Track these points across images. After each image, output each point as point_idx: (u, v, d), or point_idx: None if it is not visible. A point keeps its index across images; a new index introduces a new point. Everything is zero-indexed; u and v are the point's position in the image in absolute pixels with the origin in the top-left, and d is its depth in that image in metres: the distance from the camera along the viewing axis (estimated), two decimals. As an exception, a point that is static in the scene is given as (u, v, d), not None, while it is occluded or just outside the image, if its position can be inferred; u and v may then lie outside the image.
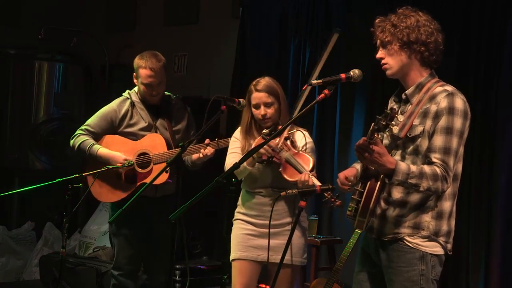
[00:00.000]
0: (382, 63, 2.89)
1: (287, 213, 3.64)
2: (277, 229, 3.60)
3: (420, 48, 2.81)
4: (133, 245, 4.17)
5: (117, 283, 4.20)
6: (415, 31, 2.80)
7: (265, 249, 3.58)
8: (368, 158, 2.65)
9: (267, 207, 3.60)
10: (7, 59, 6.69)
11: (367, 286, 2.97)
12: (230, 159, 3.71)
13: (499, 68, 4.61)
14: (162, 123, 4.14)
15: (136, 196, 3.28)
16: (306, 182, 3.37)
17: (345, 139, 5.39)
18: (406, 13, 2.84)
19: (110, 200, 4.14)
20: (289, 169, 3.51)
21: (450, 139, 2.74)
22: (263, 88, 3.67)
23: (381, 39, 2.86)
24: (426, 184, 2.69)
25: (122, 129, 4.12)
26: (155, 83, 4.06)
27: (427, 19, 2.85)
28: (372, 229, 2.87)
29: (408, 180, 2.69)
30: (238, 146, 3.72)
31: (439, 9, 4.91)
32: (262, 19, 6.08)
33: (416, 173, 2.69)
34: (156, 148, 4.03)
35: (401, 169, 2.68)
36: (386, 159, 2.66)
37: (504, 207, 4.53)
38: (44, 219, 6.57)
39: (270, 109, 3.65)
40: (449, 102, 2.76)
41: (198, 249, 5.87)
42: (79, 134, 4.14)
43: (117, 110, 4.14)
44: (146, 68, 4.03)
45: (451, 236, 2.87)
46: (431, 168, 2.71)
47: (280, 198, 3.50)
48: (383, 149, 2.66)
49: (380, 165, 2.67)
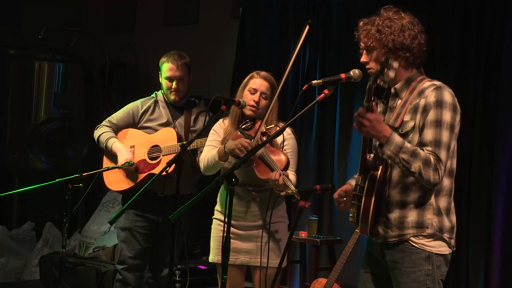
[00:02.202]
0: (367, 67, 2.89)
1: (261, 216, 3.55)
2: (252, 231, 3.55)
3: (405, 54, 2.81)
4: (139, 241, 4.20)
5: (121, 278, 4.21)
6: (400, 37, 2.79)
7: (242, 252, 3.55)
8: (367, 125, 2.65)
9: (241, 207, 3.55)
10: (7, 59, 6.68)
11: (371, 287, 2.97)
12: (205, 151, 3.65)
13: (499, 68, 4.61)
14: (181, 122, 4.21)
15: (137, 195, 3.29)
16: (277, 181, 3.30)
17: (345, 139, 5.39)
18: (390, 16, 2.82)
19: (120, 188, 4.22)
20: (261, 166, 3.41)
21: (440, 132, 2.72)
22: (266, 78, 3.62)
23: (366, 44, 2.86)
24: (417, 165, 2.66)
25: (142, 124, 4.25)
26: (176, 77, 4.14)
27: (411, 21, 2.83)
28: (377, 233, 2.86)
29: (400, 154, 2.66)
30: (216, 139, 3.66)
31: (439, 9, 4.92)
32: (262, 19, 6.08)
33: (410, 149, 2.67)
34: (167, 141, 4.12)
35: (394, 140, 2.67)
36: (383, 126, 2.67)
37: (504, 207, 4.53)
38: (44, 219, 6.57)
39: (264, 101, 3.58)
40: (437, 95, 2.76)
41: (198, 249, 5.87)
42: (102, 125, 4.30)
43: (140, 106, 4.27)
44: (168, 62, 4.16)
45: (454, 232, 2.87)
46: (425, 153, 2.70)
47: (280, 198, 3.49)
48: (379, 116, 2.67)
49: (377, 133, 2.67)
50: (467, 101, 4.67)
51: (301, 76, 5.71)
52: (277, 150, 3.48)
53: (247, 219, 3.55)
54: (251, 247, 3.55)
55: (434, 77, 2.93)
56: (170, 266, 3.68)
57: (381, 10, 2.87)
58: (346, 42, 5.33)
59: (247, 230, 3.56)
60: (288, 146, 3.57)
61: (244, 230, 3.56)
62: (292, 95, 5.71)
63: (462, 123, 2.85)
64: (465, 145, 4.63)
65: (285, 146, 3.56)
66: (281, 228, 3.63)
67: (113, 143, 4.19)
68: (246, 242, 3.55)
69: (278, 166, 3.36)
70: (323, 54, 5.59)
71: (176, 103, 4.23)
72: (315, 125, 5.59)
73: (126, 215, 4.17)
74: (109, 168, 4.09)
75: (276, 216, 3.57)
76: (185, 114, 4.24)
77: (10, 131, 6.65)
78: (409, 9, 2.92)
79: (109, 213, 6.12)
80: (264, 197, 3.54)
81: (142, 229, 4.20)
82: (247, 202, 3.56)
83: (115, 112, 4.35)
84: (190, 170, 4.07)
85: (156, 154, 4.15)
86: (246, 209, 3.55)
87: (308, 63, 5.66)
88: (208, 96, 5.64)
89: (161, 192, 4.10)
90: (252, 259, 3.54)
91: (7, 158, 6.62)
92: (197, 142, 3.97)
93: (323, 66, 5.59)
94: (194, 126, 4.24)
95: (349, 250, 4.24)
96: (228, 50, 6.36)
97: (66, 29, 7.07)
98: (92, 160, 5.85)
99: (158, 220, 4.20)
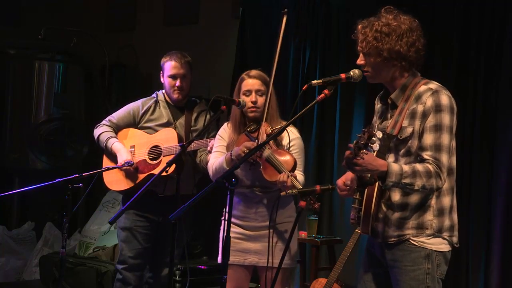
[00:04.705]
0: (363, 70, 2.89)
1: (268, 216, 3.54)
2: (261, 232, 3.54)
3: (401, 62, 2.81)
4: (139, 241, 4.20)
5: (121, 278, 4.21)
6: (397, 45, 2.78)
7: (252, 253, 3.55)
8: (358, 170, 2.66)
9: (251, 208, 3.55)
10: (7, 59, 6.69)
11: (372, 286, 2.97)
12: (213, 158, 3.65)
13: (499, 68, 4.61)
14: (182, 122, 4.22)
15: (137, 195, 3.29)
16: (285, 183, 3.29)
17: (345, 139, 5.39)
18: (389, 22, 2.81)
19: (120, 188, 4.22)
20: (269, 168, 3.38)
21: (440, 136, 2.74)
22: (256, 76, 3.61)
23: (363, 49, 2.85)
24: (420, 182, 2.69)
25: (142, 124, 4.25)
26: (180, 75, 4.16)
27: (410, 27, 2.82)
28: (377, 233, 2.87)
29: (402, 181, 2.69)
30: (222, 145, 3.65)
31: (439, 9, 4.92)
32: (262, 19, 6.08)
33: (409, 172, 2.69)
34: (168, 141, 4.11)
35: (393, 170, 2.69)
36: (377, 163, 2.67)
37: (504, 207, 4.53)
38: (44, 219, 6.57)
39: (261, 98, 3.56)
40: (435, 100, 2.76)
41: (198, 249, 5.87)
42: (102, 124, 4.30)
43: (141, 106, 4.27)
44: (171, 60, 4.18)
45: (455, 229, 2.87)
46: (423, 165, 2.72)
47: (289, 198, 3.48)
48: (370, 155, 2.66)
49: (372, 171, 2.69)
50: (467, 101, 4.67)
51: (301, 76, 5.71)
52: (283, 152, 3.47)
53: (255, 220, 3.55)
54: (259, 247, 3.54)
55: (434, 77, 2.94)
56: (170, 266, 3.68)
57: (381, 12, 2.86)
58: (346, 42, 5.33)
59: (255, 231, 3.55)
60: (294, 146, 3.56)
61: (253, 230, 3.56)
62: (292, 95, 5.71)
63: (462, 123, 2.87)
64: (465, 145, 4.63)
65: (291, 147, 3.55)
66: (290, 228, 3.61)
67: (113, 143, 4.19)
68: (254, 243, 3.55)
69: (286, 168, 3.35)
70: (323, 54, 5.58)
71: (178, 102, 4.23)
72: (315, 125, 5.58)
73: (127, 215, 4.17)
74: (109, 168, 4.10)
75: (285, 216, 3.57)
76: (185, 114, 4.24)
77: (10, 131, 6.65)
78: (409, 10, 2.92)
79: (109, 213, 6.12)
80: (272, 198, 3.52)
81: (143, 229, 4.20)
82: (255, 203, 3.55)
83: (115, 112, 4.35)
84: (190, 170, 4.07)
85: (156, 154, 4.15)
86: (255, 209, 3.54)
87: (308, 63, 5.66)
88: (208, 96, 5.64)
89: (162, 192, 4.11)
90: (261, 260, 3.53)
91: (7, 158, 6.62)
92: (198, 143, 3.97)
93: (323, 66, 5.58)
94: (195, 125, 4.24)
95: (349, 250, 4.24)
96: (228, 50, 6.35)
97: (66, 29, 7.07)
98: (92, 160, 5.86)
99: (158, 220, 4.20)
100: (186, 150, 3.75)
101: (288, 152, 3.47)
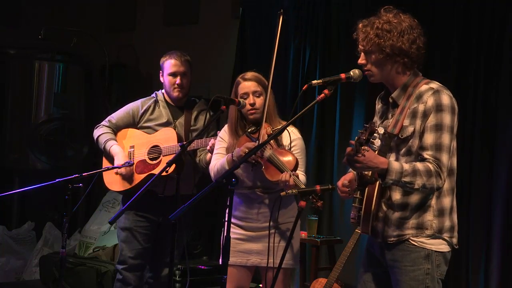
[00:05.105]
0: (364, 69, 2.89)
1: (272, 217, 3.52)
2: (263, 232, 3.53)
3: (403, 59, 2.82)
4: (140, 241, 4.20)
5: (122, 278, 4.21)
6: (398, 42, 2.79)
7: (254, 253, 3.55)
8: (359, 167, 2.67)
9: (253, 209, 3.55)
10: (7, 59, 6.69)
11: (372, 286, 2.97)
12: (214, 160, 3.65)
13: (499, 68, 4.61)
14: (181, 122, 4.22)
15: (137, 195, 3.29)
16: (287, 183, 3.29)
17: (345, 139, 5.39)
18: (389, 20, 2.82)
19: (120, 188, 4.21)
20: (271, 168, 3.39)
21: (441, 136, 2.75)
22: (251, 78, 3.61)
23: (364, 48, 2.86)
24: (420, 181, 2.70)
25: (142, 123, 4.25)
26: (180, 72, 4.17)
27: (410, 25, 2.83)
28: (377, 232, 2.88)
29: (402, 179, 2.69)
30: (223, 147, 3.65)
31: (439, 9, 4.92)
32: (262, 19, 6.08)
33: (409, 171, 2.70)
34: (168, 141, 4.11)
35: (394, 168, 2.69)
36: (378, 160, 2.68)
37: (504, 207, 4.53)
38: (44, 219, 6.58)
39: (259, 99, 3.57)
40: (436, 99, 2.77)
41: (198, 249, 5.88)
42: (102, 125, 4.30)
43: (140, 106, 4.27)
44: (171, 59, 4.19)
45: (455, 230, 2.88)
46: (424, 164, 2.72)
47: (291, 198, 3.48)
48: (371, 153, 2.67)
49: (373, 168, 2.69)
50: (467, 101, 4.67)
51: (301, 76, 5.71)
52: (285, 151, 3.47)
53: (257, 221, 3.55)
54: (262, 248, 3.54)
55: (434, 77, 2.94)
56: (170, 266, 3.69)
57: (381, 11, 2.87)
58: (346, 42, 5.33)
59: (257, 231, 3.55)
60: (296, 147, 3.56)
61: (255, 231, 3.56)
62: (292, 95, 5.71)
63: (462, 123, 2.87)
64: (465, 145, 4.64)
65: (293, 147, 3.55)
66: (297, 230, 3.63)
67: (111, 146, 4.18)
68: (257, 243, 3.55)
69: (288, 167, 3.36)
70: (323, 54, 5.58)
71: (178, 100, 4.23)
72: (315, 125, 5.58)
73: (127, 215, 4.17)
74: (109, 168, 4.09)
75: (288, 216, 3.56)
76: (185, 114, 4.24)
77: (10, 131, 6.65)
78: (409, 9, 2.92)
79: (109, 213, 6.12)
80: (274, 198, 3.52)
81: (143, 229, 4.20)
82: (257, 204, 3.55)
83: (115, 112, 4.35)
84: (190, 170, 4.07)
85: (156, 154, 4.15)
86: (257, 210, 3.54)
87: (308, 63, 5.66)
88: (208, 96, 5.63)
89: (162, 192, 4.11)
90: (263, 260, 3.52)
91: (7, 158, 6.62)
92: (197, 142, 3.96)
93: (323, 66, 5.58)
94: (194, 125, 4.24)
95: (349, 250, 4.24)
96: (228, 50, 6.35)
97: (66, 29, 7.07)
98: (92, 160, 5.87)
99: (158, 220, 4.20)
100: (186, 150, 3.75)
101: (289, 152, 3.48)
